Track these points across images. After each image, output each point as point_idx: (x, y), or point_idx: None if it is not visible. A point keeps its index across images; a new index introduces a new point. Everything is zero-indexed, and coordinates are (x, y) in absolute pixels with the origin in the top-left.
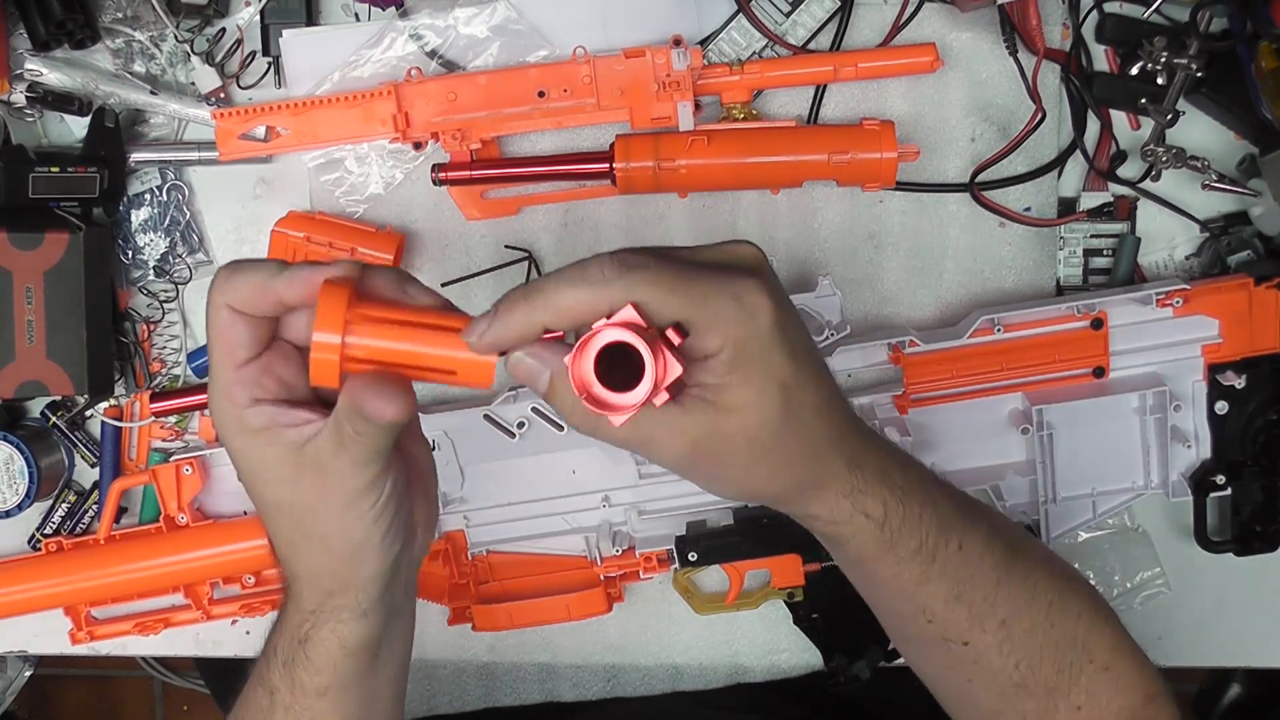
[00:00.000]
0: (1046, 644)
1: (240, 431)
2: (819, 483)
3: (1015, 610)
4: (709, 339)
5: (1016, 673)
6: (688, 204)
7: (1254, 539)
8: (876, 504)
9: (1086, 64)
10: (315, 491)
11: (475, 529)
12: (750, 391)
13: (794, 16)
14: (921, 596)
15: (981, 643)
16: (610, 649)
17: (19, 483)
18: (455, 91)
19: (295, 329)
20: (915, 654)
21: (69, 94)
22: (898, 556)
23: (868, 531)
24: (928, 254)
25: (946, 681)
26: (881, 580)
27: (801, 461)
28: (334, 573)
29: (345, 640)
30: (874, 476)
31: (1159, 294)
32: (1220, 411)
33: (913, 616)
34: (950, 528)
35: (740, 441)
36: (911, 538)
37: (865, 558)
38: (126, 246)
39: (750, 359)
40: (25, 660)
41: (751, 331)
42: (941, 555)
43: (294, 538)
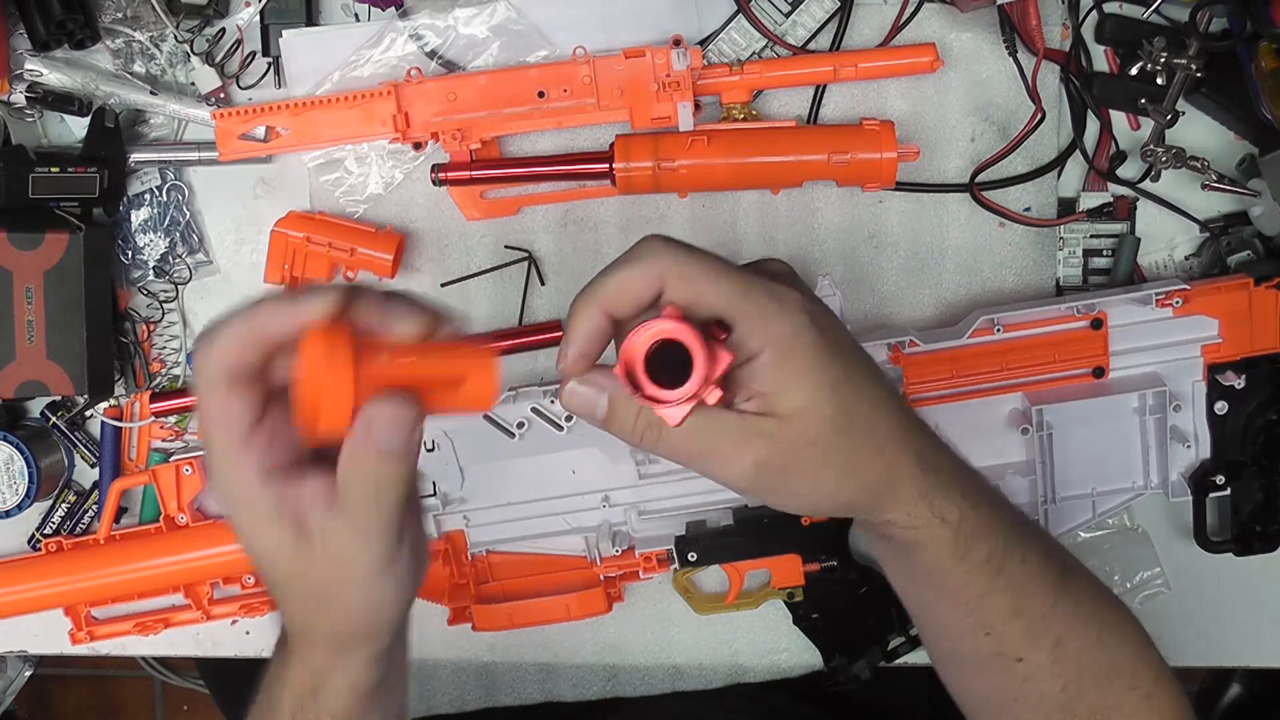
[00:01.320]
0: (1096, 668)
1: (256, 519)
2: (892, 484)
3: (1070, 630)
4: (751, 337)
5: (1063, 695)
6: (688, 204)
7: (1254, 539)
8: (951, 508)
9: (1086, 64)
10: (333, 574)
11: (475, 529)
12: (802, 393)
13: (794, 17)
14: (984, 610)
15: (1034, 660)
16: (610, 649)
17: (19, 483)
18: (455, 91)
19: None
20: (962, 674)
21: (69, 94)
22: (968, 566)
23: (943, 538)
24: (928, 254)
25: (990, 703)
26: (950, 591)
27: (869, 463)
28: (354, 633)
29: (359, 685)
30: (947, 478)
31: (1159, 294)
32: (1220, 411)
33: (971, 631)
34: (1015, 539)
35: (803, 447)
36: (983, 546)
37: (936, 567)
38: (126, 246)
39: (794, 358)
40: (25, 660)
41: (790, 328)
42: (1008, 567)
43: (310, 609)
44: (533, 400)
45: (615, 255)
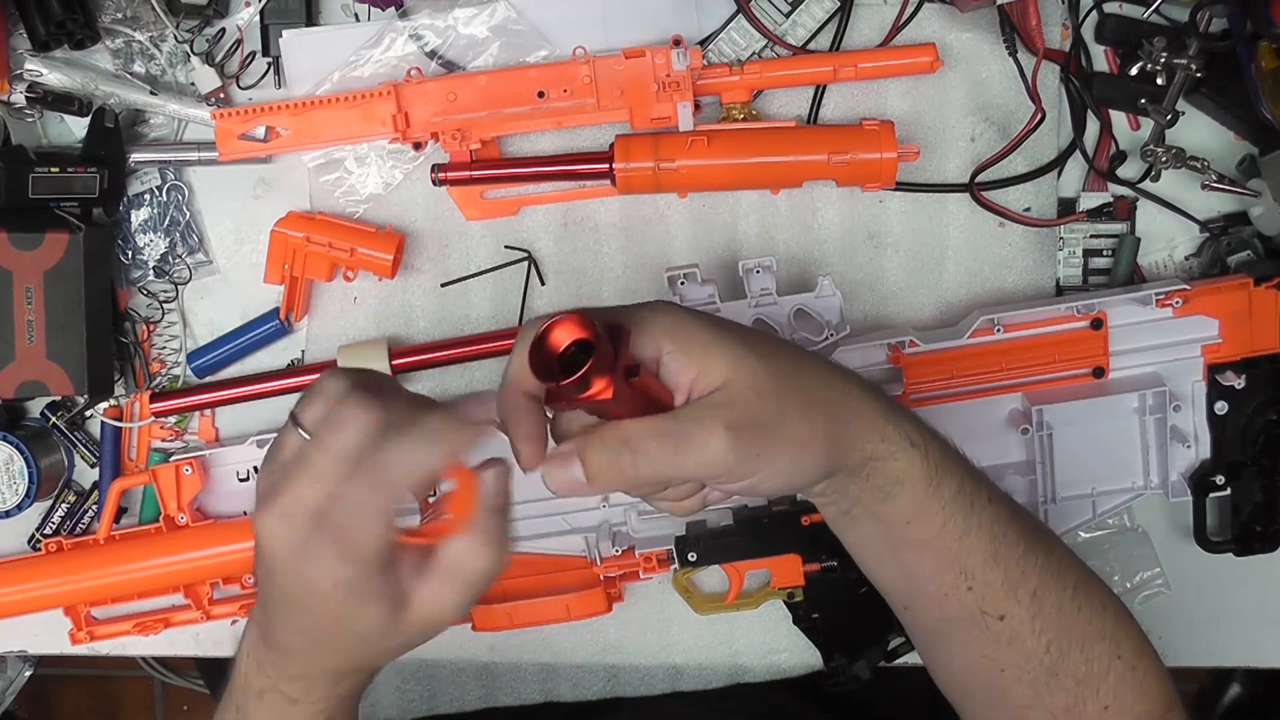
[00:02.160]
0: (1075, 628)
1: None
2: (853, 413)
3: (1044, 582)
4: (644, 346)
5: (1048, 656)
6: (688, 204)
7: (1254, 539)
8: (914, 431)
9: (1086, 64)
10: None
11: None
12: (721, 361)
13: (794, 17)
14: (964, 554)
15: (1017, 616)
16: (610, 649)
17: (19, 483)
18: (455, 91)
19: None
20: (951, 650)
21: (69, 94)
22: (943, 499)
23: (916, 465)
24: (928, 254)
25: (978, 677)
26: (928, 540)
27: (822, 399)
28: (360, 672)
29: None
30: (898, 406)
31: (1159, 294)
32: (1220, 411)
33: (954, 587)
34: (979, 478)
35: (755, 401)
36: (951, 476)
37: (915, 509)
38: (126, 246)
39: (691, 337)
40: (25, 660)
41: (671, 319)
42: (978, 504)
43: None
44: None
45: (615, 255)
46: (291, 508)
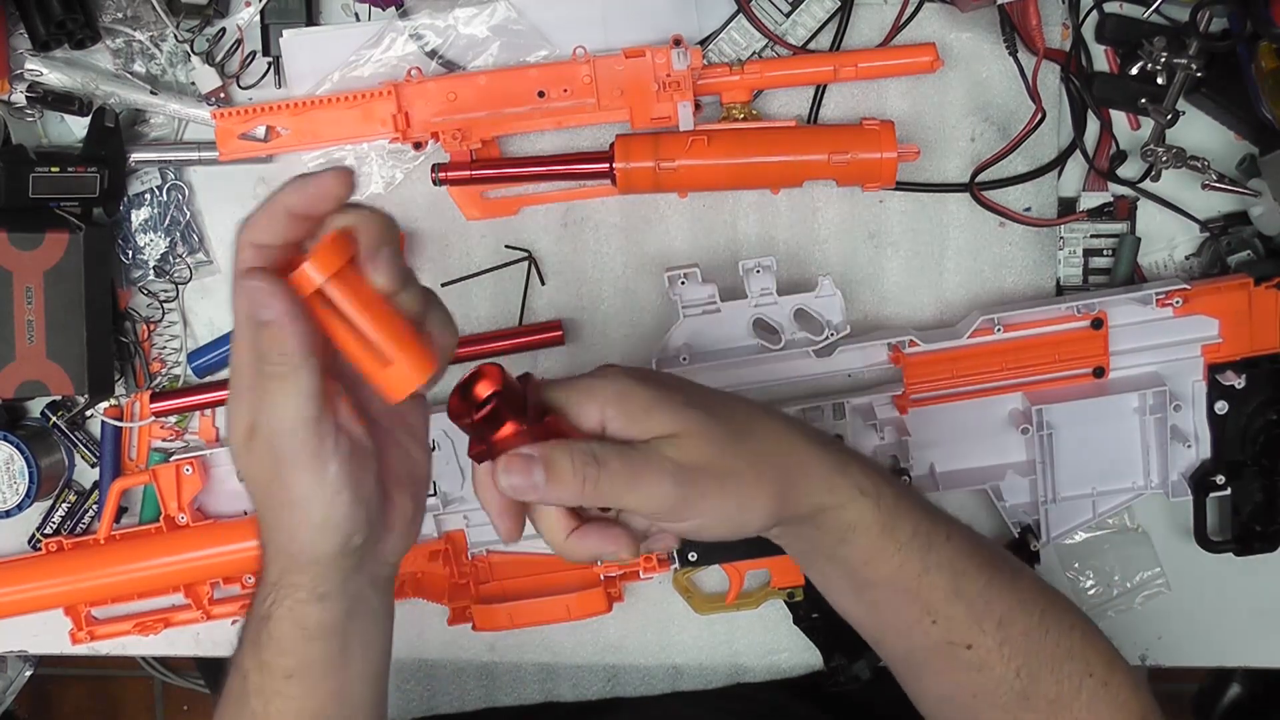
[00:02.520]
0: (1044, 651)
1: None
2: (800, 465)
3: (1009, 610)
4: (584, 411)
5: (1019, 681)
6: (688, 204)
7: (1254, 539)
8: (864, 479)
9: (1086, 64)
10: (271, 456)
11: (475, 529)
12: (662, 420)
13: (794, 16)
14: (924, 591)
15: (983, 645)
16: (610, 649)
17: (19, 483)
18: (455, 91)
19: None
20: (923, 678)
21: (69, 94)
22: (898, 542)
23: (868, 511)
24: (928, 254)
25: (953, 705)
26: (889, 579)
27: (770, 451)
28: (294, 545)
29: (303, 621)
30: (846, 453)
31: (1159, 294)
32: (1220, 411)
33: (917, 621)
34: (937, 518)
35: (704, 452)
36: (906, 521)
37: (871, 552)
38: (126, 246)
39: (632, 405)
40: (25, 660)
41: (616, 387)
42: (936, 542)
43: (265, 508)
44: None
45: (615, 255)
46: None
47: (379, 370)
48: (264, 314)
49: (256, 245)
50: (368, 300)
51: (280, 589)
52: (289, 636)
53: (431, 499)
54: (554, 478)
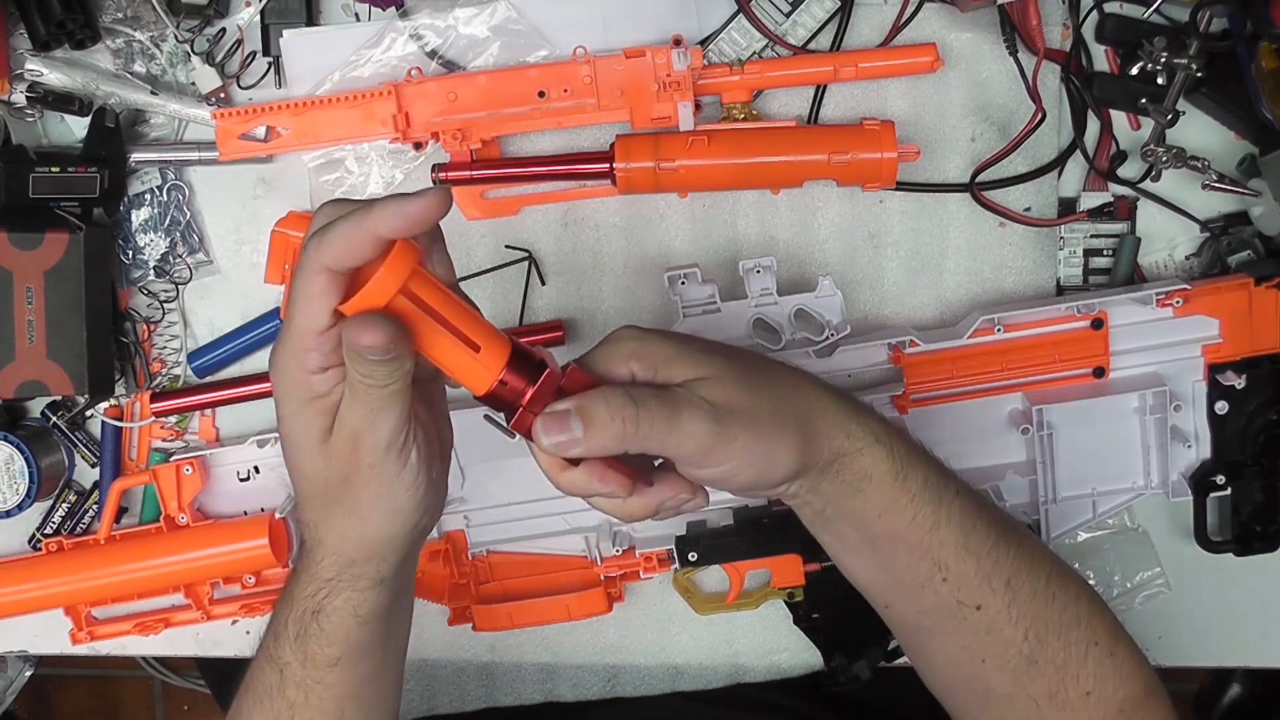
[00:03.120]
0: (1051, 616)
1: (302, 396)
2: (817, 410)
3: (1017, 572)
4: (611, 369)
5: (1026, 644)
6: (688, 204)
7: (1254, 539)
8: (878, 427)
9: (1086, 64)
10: (348, 459)
11: (475, 529)
12: (687, 366)
13: (794, 16)
14: (935, 546)
15: (992, 605)
16: (610, 649)
17: (19, 483)
18: (455, 91)
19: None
20: (932, 640)
21: (69, 94)
22: (910, 492)
23: (883, 461)
24: (928, 254)
25: (960, 670)
26: (899, 533)
27: (789, 396)
28: (361, 539)
29: (360, 608)
30: (860, 405)
31: (1159, 294)
32: (1220, 411)
33: (929, 578)
34: (946, 473)
35: (733, 394)
36: (917, 471)
37: (884, 503)
38: (126, 246)
39: (654, 357)
40: (25, 660)
41: (634, 343)
42: (947, 498)
43: (327, 505)
44: None
45: (615, 255)
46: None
47: (467, 361)
48: (368, 340)
49: (333, 270)
50: (441, 297)
51: (340, 582)
52: (343, 625)
53: None
54: (592, 426)
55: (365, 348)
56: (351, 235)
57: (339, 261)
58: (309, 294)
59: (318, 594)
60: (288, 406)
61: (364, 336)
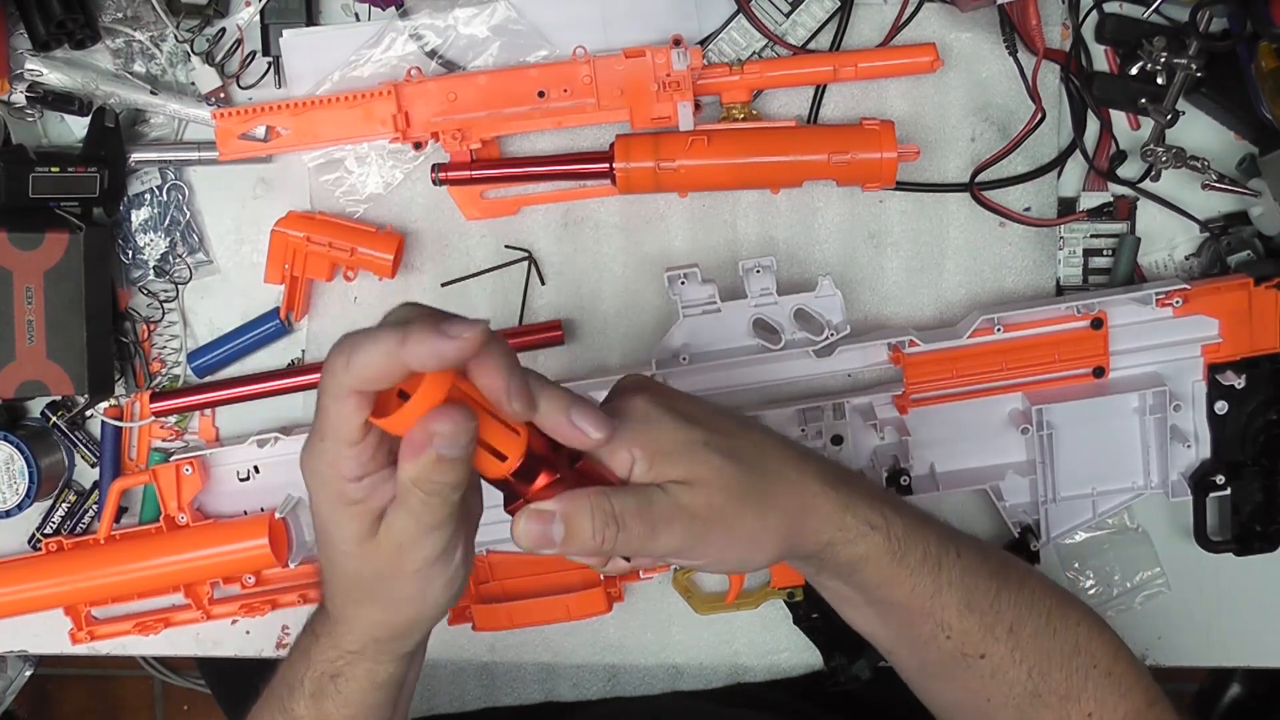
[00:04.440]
0: (1053, 650)
1: (338, 501)
2: (809, 505)
3: (1019, 616)
4: (615, 455)
5: (1030, 681)
6: (688, 204)
7: (1254, 539)
8: (874, 515)
9: (1086, 64)
10: (391, 564)
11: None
12: (681, 464)
13: (794, 16)
14: (937, 610)
15: (996, 653)
16: (610, 649)
17: (19, 483)
18: (455, 91)
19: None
20: (937, 685)
21: (69, 94)
22: (909, 568)
23: (878, 544)
24: (928, 254)
25: (966, 710)
26: (899, 602)
27: (780, 491)
28: (391, 625)
29: (378, 677)
30: (857, 490)
31: (1159, 294)
32: (1220, 411)
33: (932, 637)
34: (946, 538)
35: (715, 502)
36: (916, 546)
37: (882, 578)
38: (126, 246)
39: (658, 447)
40: (25, 660)
41: (643, 430)
42: (946, 562)
43: (359, 598)
44: None
45: (615, 255)
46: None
47: (490, 462)
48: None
49: (362, 393)
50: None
51: (361, 655)
52: (361, 692)
53: None
54: (572, 536)
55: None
56: (383, 366)
57: (368, 386)
58: (339, 412)
59: (337, 660)
60: (324, 507)
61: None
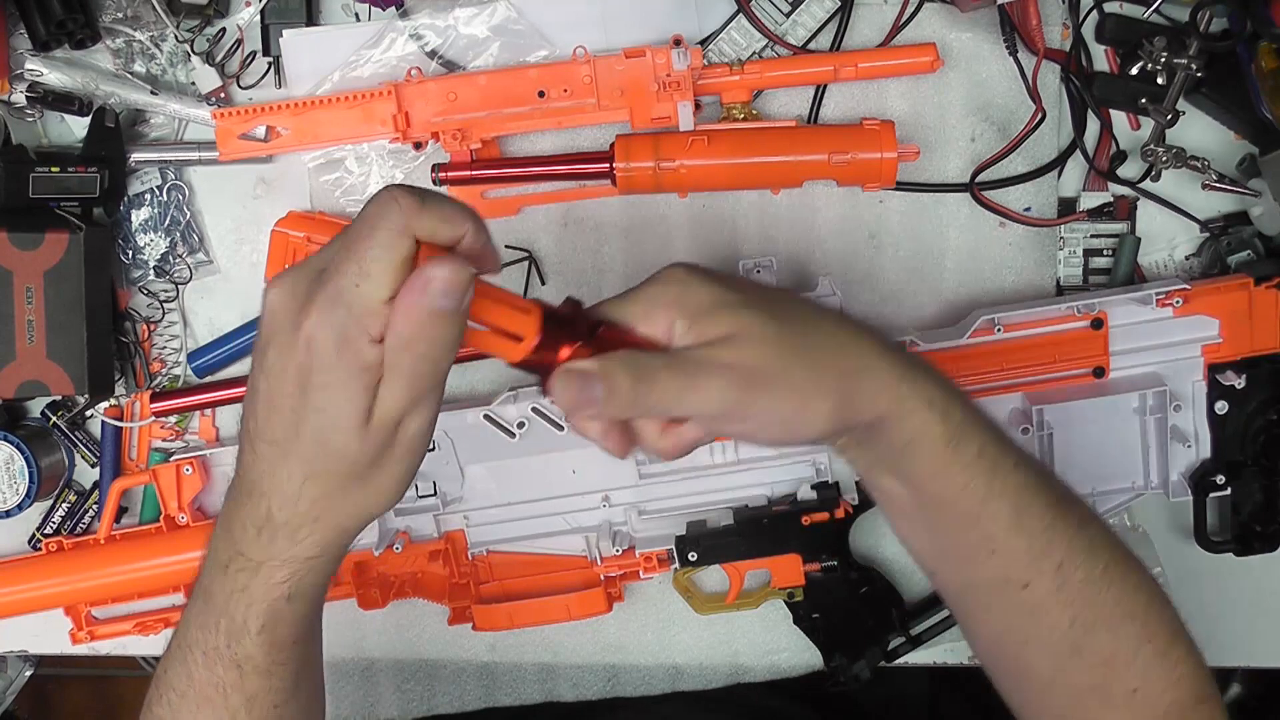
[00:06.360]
0: (1103, 605)
1: (354, 366)
2: (865, 370)
3: (1072, 555)
4: (653, 319)
5: (1072, 631)
6: (688, 204)
7: (1254, 539)
8: (933, 390)
9: (1086, 64)
10: (384, 442)
11: (475, 529)
12: (722, 321)
13: (794, 16)
14: (986, 518)
15: (1040, 586)
16: (610, 649)
17: (19, 483)
18: (455, 91)
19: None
20: (976, 611)
21: (69, 94)
22: (963, 461)
23: (934, 426)
24: (928, 254)
25: (1004, 649)
26: (949, 500)
27: (832, 355)
28: (367, 514)
29: (323, 582)
30: (918, 365)
31: (1159, 294)
32: (1220, 411)
33: (977, 549)
34: (1005, 444)
35: (758, 354)
36: (973, 440)
37: (934, 469)
38: (126, 246)
39: (697, 309)
40: (25, 660)
41: (677, 290)
42: (1003, 470)
43: (344, 484)
44: (533, 400)
45: (615, 255)
46: (298, 269)
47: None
48: (448, 303)
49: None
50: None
51: (321, 558)
52: (312, 603)
53: (431, 499)
54: (611, 393)
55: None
56: (453, 215)
57: (433, 232)
58: (390, 259)
59: (292, 578)
60: (332, 375)
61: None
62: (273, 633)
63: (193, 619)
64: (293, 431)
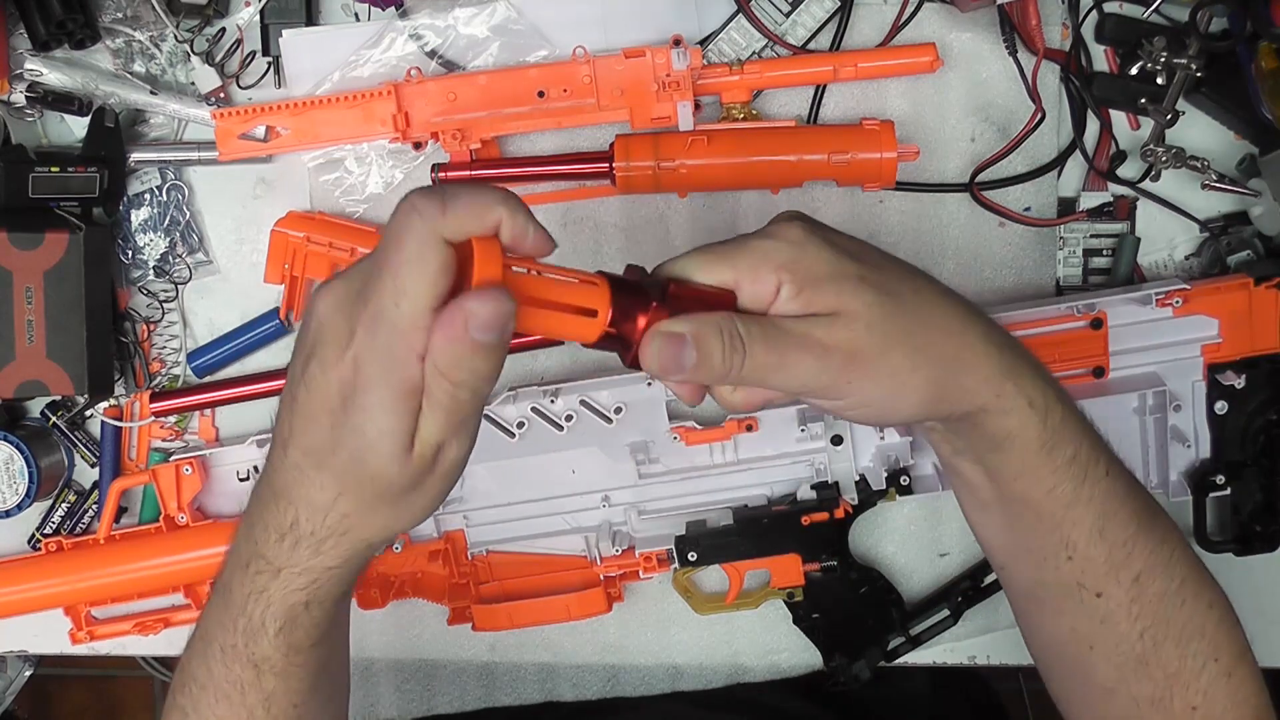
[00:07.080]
0: (1175, 622)
1: (401, 387)
2: (967, 360)
3: (1151, 569)
4: (761, 276)
5: (1140, 643)
6: (688, 204)
7: (1254, 539)
8: (1035, 390)
9: (1086, 64)
10: (425, 469)
11: (475, 529)
12: (830, 295)
13: (794, 16)
14: (1068, 524)
15: (1114, 597)
16: (610, 649)
17: (19, 483)
18: (455, 91)
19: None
20: (1044, 613)
21: (69, 94)
22: (1055, 465)
23: (1032, 427)
24: (928, 254)
25: (1066, 650)
26: (1033, 502)
27: (935, 340)
28: (394, 531)
29: (346, 588)
30: (1023, 359)
31: (1159, 294)
32: (1220, 411)
33: (1054, 553)
34: (1100, 450)
35: (859, 336)
36: (1068, 443)
37: (1023, 468)
38: (126, 246)
39: (806, 274)
40: (25, 660)
41: (790, 252)
42: (1092, 476)
43: (377, 506)
44: (532, 400)
45: (616, 255)
46: (348, 279)
47: (573, 322)
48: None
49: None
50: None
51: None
52: (332, 610)
53: None
54: (704, 358)
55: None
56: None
57: (464, 230)
58: (424, 272)
59: (311, 585)
60: (375, 397)
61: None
62: (290, 636)
63: (213, 614)
64: (329, 446)
